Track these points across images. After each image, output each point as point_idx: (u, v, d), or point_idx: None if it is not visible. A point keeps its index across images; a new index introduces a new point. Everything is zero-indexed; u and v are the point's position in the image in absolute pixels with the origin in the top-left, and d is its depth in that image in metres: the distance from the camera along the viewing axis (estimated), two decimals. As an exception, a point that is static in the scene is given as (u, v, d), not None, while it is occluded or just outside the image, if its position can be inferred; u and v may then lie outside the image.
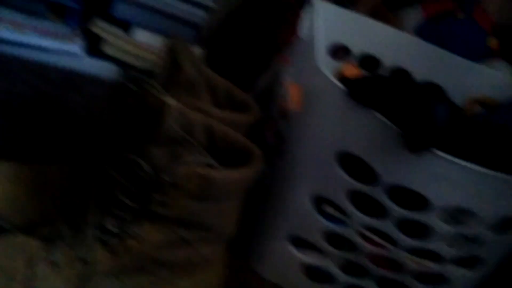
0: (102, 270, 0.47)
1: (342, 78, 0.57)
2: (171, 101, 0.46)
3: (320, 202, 0.59)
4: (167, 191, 0.45)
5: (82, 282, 0.47)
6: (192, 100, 0.53)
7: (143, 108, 0.46)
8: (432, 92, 0.53)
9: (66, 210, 0.53)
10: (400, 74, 0.75)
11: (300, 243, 0.62)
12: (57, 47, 0.83)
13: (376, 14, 0.96)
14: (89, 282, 0.47)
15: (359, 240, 0.58)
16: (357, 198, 0.56)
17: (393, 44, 0.78)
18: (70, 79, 0.83)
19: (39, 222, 0.53)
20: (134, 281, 0.49)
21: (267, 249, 0.64)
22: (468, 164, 0.49)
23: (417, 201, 0.53)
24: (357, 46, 0.77)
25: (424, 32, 0.97)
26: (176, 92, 0.52)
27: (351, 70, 0.71)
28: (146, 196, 0.46)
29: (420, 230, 0.55)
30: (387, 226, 0.56)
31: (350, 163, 0.55)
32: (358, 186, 0.55)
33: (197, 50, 0.90)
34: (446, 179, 0.50)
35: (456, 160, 0.49)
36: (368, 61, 0.80)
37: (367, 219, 0.57)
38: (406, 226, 0.56)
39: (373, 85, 0.52)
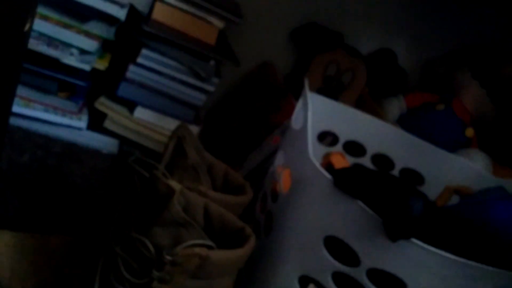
0: None
1: (329, 167, 0.63)
2: (175, 185, 0.51)
3: (305, 281, 0.63)
4: (167, 269, 0.49)
5: None
6: (193, 183, 0.58)
7: (149, 191, 0.51)
8: (409, 186, 0.59)
9: (66, 281, 0.56)
10: (382, 162, 0.81)
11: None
12: (64, 122, 0.88)
13: (361, 103, 1.03)
14: None
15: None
16: (340, 278, 0.60)
17: (376, 133, 0.84)
18: (72, 151, 0.88)
19: (42, 292, 0.56)
20: None
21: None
22: (441, 252, 0.54)
23: (396, 284, 0.57)
24: (344, 133, 0.84)
25: (405, 122, 1.04)
26: (179, 176, 0.57)
27: (338, 159, 0.77)
28: (147, 272, 0.50)
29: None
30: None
31: (335, 245, 0.59)
32: (342, 268, 0.59)
33: (194, 129, 0.96)
34: (423, 265, 0.54)
35: (430, 248, 0.54)
36: (353, 147, 0.86)
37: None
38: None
39: (356, 176, 0.57)
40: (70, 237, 0.62)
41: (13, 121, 0.83)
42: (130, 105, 0.93)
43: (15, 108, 0.84)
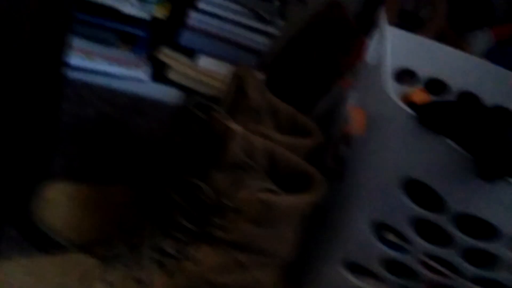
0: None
1: (410, 103, 0.56)
2: (235, 126, 0.46)
3: (380, 228, 0.57)
4: (227, 215, 0.45)
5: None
6: (256, 125, 0.53)
7: (208, 133, 0.47)
8: (505, 117, 0.50)
9: (124, 231, 0.54)
10: (469, 98, 0.72)
11: (356, 269, 0.60)
12: (125, 73, 0.86)
13: (443, 38, 0.94)
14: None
15: (419, 268, 0.56)
16: (419, 225, 0.54)
17: (460, 68, 0.75)
18: (135, 104, 0.86)
19: (97, 241, 0.54)
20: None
21: (322, 274, 0.62)
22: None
23: (484, 229, 0.50)
24: (424, 70, 0.75)
25: (493, 55, 0.94)
26: (240, 118, 0.52)
27: (420, 95, 0.69)
28: (205, 219, 0.46)
29: (486, 260, 0.52)
30: (451, 255, 0.54)
31: (414, 189, 0.53)
32: (423, 213, 0.53)
33: (259, 75, 0.91)
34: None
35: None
36: (435, 85, 0.77)
37: (430, 247, 0.54)
38: (471, 255, 0.53)
39: (443, 110, 0.50)
40: (129, 187, 0.60)
41: (76, 75, 0.82)
42: (192, 54, 0.90)
43: (77, 61, 0.83)
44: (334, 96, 0.91)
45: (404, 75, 0.79)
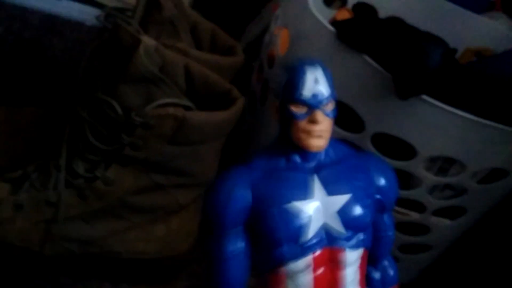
0: (70, 214, 0.45)
1: (333, 22, 0.54)
2: (145, 38, 0.43)
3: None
4: (138, 133, 0.43)
5: (49, 226, 0.45)
6: (172, 40, 0.50)
7: (116, 45, 0.43)
8: (426, 36, 0.50)
9: (36, 154, 0.51)
10: (394, 20, 0.72)
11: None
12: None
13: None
14: (57, 226, 0.45)
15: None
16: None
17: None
18: (49, 22, 0.79)
19: (8, 165, 0.51)
20: (105, 226, 0.47)
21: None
22: (458, 111, 0.46)
23: (403, 150, 0.50)
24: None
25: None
26: (154, 31, 0.49)
27: (343, 14, 0.67)
28: (116, 137, 0.44)
29: (405, 180, 0.53)
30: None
31: (337, 111, 0.52)
32: (344, 134, 0.52)
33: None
34: (435, 127, 0.47)
35: (446, 107, 0.46)
36: (364, 10, 0.76)
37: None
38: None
39: (363, 27, 0.49)
40: (41, 109, 0.56)
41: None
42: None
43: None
44: (263, 20, 0.88)
45: (335, 1, 0.77)
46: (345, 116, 0.51)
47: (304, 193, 0.34)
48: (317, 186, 0.35)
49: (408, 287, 0.65)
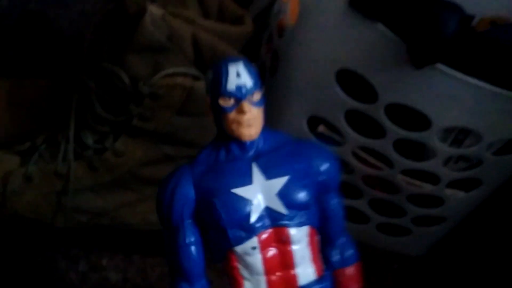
0: (81, 185, 0.45)
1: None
2: (151, 6, 0.42)
3: (315, 123, 0.56)
4: (146, 103, 0.42)
5: (60, 198, 0.45)
6: (179, 9, 0.49)
7: (122, 14, 0.42)
8: (442, 2, 0.48)
9: (44, 126, 0.50)
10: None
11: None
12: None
13: None
14: (67, 198, 0.45)
15: (354, 161, 0.56)
16: (354, 118, 0.53)
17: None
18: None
19: (17, 138, 0.50)
20: (116, 198, 0.47)
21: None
22: (474, 81, 0.45)
23: (417, 121, 0.49)
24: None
25: None
26: (162, 1, 0.48)
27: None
28: (125, 109, 0.43)
29: (419, 151, 0.52)
30: (384, 147, 0.53)
31: (347, 80, 0.51)
32: (356, 105, 0.51)
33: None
34: (450, 97, 0.46)
35: (462, 76, 0.45)
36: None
37: (363, 140, 0.54)
38: (405, 147, 0.53)
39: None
40: (48, 80, 0.55)
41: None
42: None
43: None
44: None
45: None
46: (357, 86, 0.50)
47: (243, 181, 0.36)
48: (255, 172, 0.37)
49: (417, 261, 0.64)
